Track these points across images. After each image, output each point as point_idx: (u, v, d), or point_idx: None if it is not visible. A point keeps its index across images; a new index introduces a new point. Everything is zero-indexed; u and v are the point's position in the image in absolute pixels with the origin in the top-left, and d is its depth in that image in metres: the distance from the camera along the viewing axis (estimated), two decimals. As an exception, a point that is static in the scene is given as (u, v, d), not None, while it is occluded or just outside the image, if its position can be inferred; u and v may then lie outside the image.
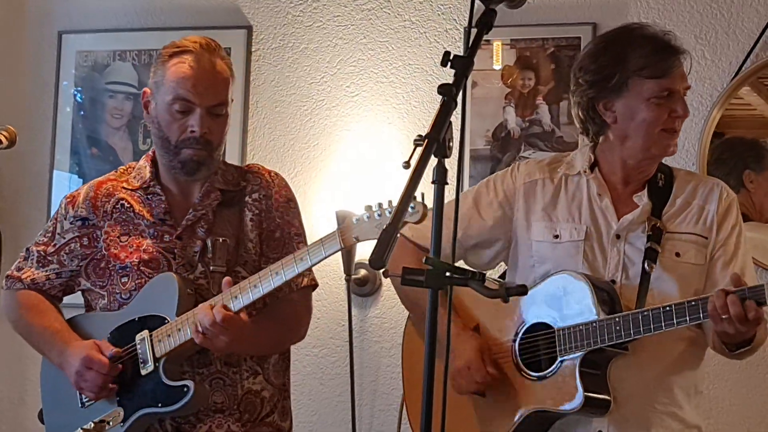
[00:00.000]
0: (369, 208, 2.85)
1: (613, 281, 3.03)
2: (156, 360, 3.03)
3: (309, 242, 3.13)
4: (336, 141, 4.84)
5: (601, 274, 3.03)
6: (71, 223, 3.24)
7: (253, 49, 4.94)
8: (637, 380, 2.99)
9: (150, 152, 3.27)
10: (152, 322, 3.06)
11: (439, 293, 2.12)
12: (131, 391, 3.08)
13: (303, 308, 3.26)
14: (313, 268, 4.74)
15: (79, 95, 5.13)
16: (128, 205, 3.19)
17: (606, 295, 2.97)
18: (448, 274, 2.15)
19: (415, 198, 2.66)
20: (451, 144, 2.15)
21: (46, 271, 3.25)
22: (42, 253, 3.26)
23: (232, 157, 4.85)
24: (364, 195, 4.59)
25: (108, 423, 3.07)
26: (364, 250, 4.45)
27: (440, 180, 2.13)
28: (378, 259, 2.07)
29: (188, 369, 3.07)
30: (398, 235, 3.10)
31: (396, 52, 4.80)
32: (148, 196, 3.19)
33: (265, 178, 3.24)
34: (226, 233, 3.14)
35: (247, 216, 3.17)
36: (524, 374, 3.03)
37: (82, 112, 5.11)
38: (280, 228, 3.20)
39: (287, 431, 3.24)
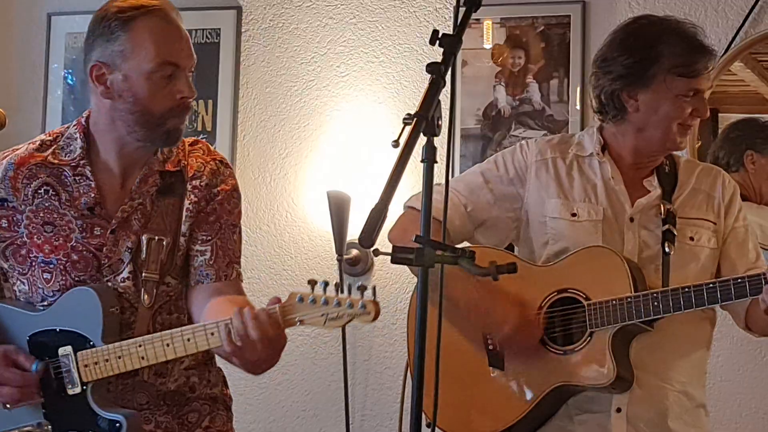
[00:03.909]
0: (315, 286, 2.58)
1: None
2: (83, 384, 2.78)
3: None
4: (326, 121, 4.84)
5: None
6: None
7: (242, 30, 4.94)
8: (658, 358, 3.02)
9: (82, 121, 2.93)
10: (75, 340, 2.80)
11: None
12: (58, 407, 2.83)
13: None
14: (304, 247, 4.79)
15: (70, 77, 5.12)
16: (53, 193, 2.84)
17: (640, 274, 3.00)
18: (438, 252, 2.15)
19: (364, 294, 2.55)
20: (439, 122, 2.15)
21: None
22: None
23: (222, 138, 4.87)
24: (355, 175, 4.61)
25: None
26: (355, 230, 4.46)
27: (429, 158, 2.13)
28: (367, 238, 2.06)
29: (113, 379, 2.81)
30: (407, 208, 3.13)
31: (386, 32, 4.80)
32: (76, 178, 2.84)
33: (210, 165, 2.91)
34: (162, 228, 2.84)
35: (186, 205, 2.86)
36: (549, 347, 3.02)
37: (73, 95, 5.11)
38: (216, 213, 2.89)
39: (221, 396, 3.00)
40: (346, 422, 4.63)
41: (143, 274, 2.81)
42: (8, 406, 2.83)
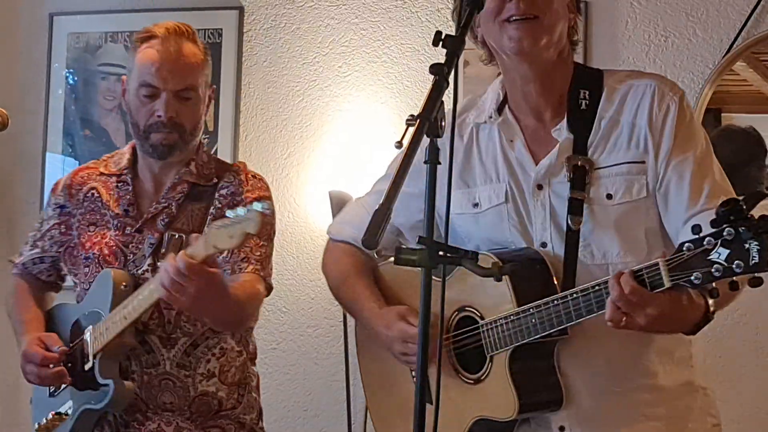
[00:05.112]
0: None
1: (544, 244, 2.54)
2: (94, 356, 3.03)
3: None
4: (328, 121, 4.84)
5: (532, 238, 2.55)
6: (53, 210, 3.26)
7: (244, 30, 4.94)
8: (586, 364, 2.52)
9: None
10: (94, 318, 3.06)
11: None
12: (80, 385, 3.08)
13: (255, 291, 3.06)
14: (306, 247, 4.78)
15: (71, 77, 5.12)
16: (97, 195, 3.18)
17: (528, 271, 2.49)
18: (440, 253, 2.14)
19: (254, 206, 2.63)
20: (443, 124, 2.14)
21: (32, 255, 3.29)
22: (32, 237, 3.30)
23: (224, 138, 4.87)
24: (357, 175, 4.61)
25: (64, 415, 3.11)
26: (357, 230, 4.46)
27: (432, 160, 2.12)
28: (371, 239, 2.05)
29: (137, 368, 3.04)
30: (332, 240, 2.93)
31: (388, 32, 4.80)
32: (119, 185, 3.17)
33: (240, 177, 3.15)
34: (185, 229, 3.06)
35: (211, 213, 3.08)
36: (462, 377, 2.59)
37: (74, 95, 5.11)
38: None
39: (251, 423, 3.16)
40: (348, 422, 4.63)
41: (159, 263, 2.98)
42: (55, 392, 3.15)
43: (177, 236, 3.04)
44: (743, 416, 4.33)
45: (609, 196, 2.48)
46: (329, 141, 4.81)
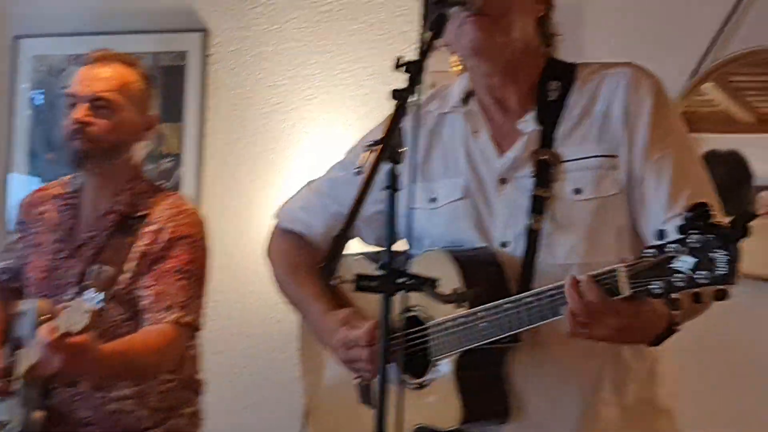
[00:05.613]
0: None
1: (504, 244, 2.38)
2: (18, 379, 3.05)
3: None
4: (294, 144, 4.82)
5: (492, 237, 2.40)
6: (17, 225, 3.35)
7: (209, 53, 4.92)
8: (540, 375, 2.36)
9: None
10: (22, 342, 3.07)
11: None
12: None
13: (161, 343, 3.06)
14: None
15: (38, 98, 5.10)
16: (47, 217, 3.24)
17: (482, 272, 2.34)
18: (400, 279, 2.11)
19: (85, 306, 2.69)
20: (403, 149, 2.14)
21: (1, 265, 3.37)
22: (4, 248, 3.41)
23: (189, 162, 4.86)
24: (322, 198, 4.60)
25: (7, 424, 3.14)
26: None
27: (392, 186, 2.11)
28: (330, 267, 2.02)
29: (57, 386, 3.08)
30: (281, 229, 2.85)
31: (353, 55, 4.79)
32: (65, 207, 3.23)
33: (167, 213, 3.14)
34: (110, 261, 3.09)
35: (136, 248, 3.09)
36: (408, 381, 2.42)
37: (40, 116, 5.09)
38: (164, 259, 3.09)
39: None
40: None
41: None
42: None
43: (101, 269, 3.05)
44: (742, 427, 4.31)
45: (577, 191, 2.33)
46: (295, 164, 4.79)
